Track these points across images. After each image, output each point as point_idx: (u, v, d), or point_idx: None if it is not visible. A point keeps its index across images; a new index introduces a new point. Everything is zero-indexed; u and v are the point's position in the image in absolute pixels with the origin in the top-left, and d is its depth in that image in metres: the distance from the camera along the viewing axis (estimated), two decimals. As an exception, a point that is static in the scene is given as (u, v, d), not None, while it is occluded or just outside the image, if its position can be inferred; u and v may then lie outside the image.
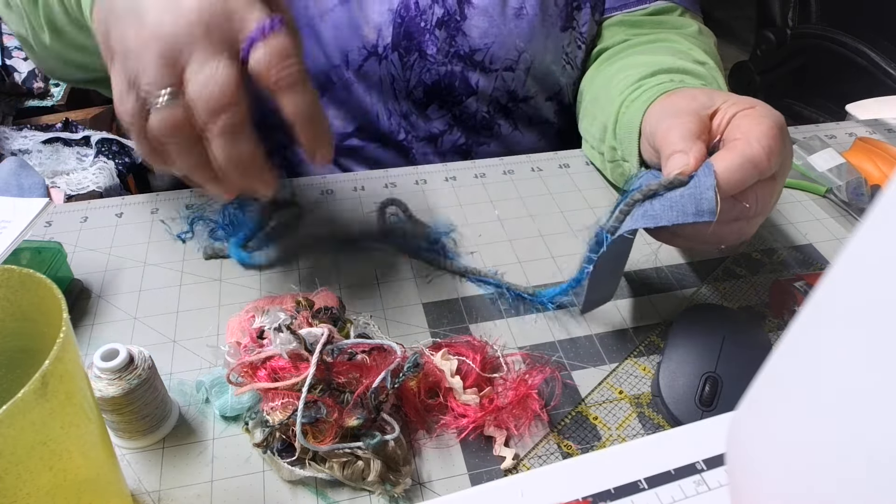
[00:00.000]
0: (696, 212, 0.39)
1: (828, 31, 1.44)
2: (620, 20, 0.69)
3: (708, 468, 0.35)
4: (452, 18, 0.64)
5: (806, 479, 0.25)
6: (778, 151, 0.41)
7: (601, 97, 0.61)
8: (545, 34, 0.67)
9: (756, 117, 0.42)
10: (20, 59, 1.38)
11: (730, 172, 0.40)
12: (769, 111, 0.44)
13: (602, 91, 0.62)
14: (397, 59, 0.65)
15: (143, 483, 0.39)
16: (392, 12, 0.63)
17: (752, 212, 0.42)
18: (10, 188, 0.81)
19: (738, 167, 0.40)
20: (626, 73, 0.58)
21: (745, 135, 0.41)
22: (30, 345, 0.32)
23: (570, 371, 0.46)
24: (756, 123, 0.42)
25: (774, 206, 0.45)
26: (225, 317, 0.49)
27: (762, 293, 0.52)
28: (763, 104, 0.45)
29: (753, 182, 0.41)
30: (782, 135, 0.42)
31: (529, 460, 0.41)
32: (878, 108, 0.80)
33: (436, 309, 0.50)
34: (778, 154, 0.41)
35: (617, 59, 0.65)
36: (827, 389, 0.24)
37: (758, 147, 0.40)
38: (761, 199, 0.42)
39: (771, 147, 0.40)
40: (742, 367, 0.42)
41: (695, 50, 0.62)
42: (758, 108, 0.44)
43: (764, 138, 0.41)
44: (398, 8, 0.63)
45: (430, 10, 0.64)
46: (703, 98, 0.46)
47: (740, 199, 0.41)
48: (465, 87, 0.68)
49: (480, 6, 0.64)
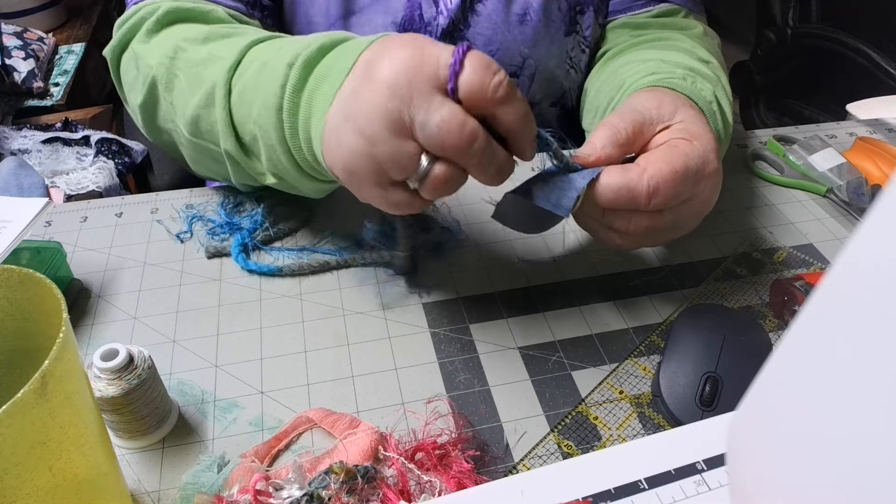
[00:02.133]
0: (555, 204, 0.41)
1: (828, 30, 1.44)
2: (624, 22, 0.68)
3: (708, 468, 0.35)
4: (457, 28, 0.64)
5: (806, 479, 0.25)
6: (665, 195, 0.41)
7: (604, 90, 0.61)
8: (549, 39, 0.67)
9: (673, 154, 0.42)
10: (20, 58, 1.38)
11: (606, 188, 0.41)
12: (696, 153, 0.42)
13: (605, 85, 0.61)
14: None
15: (142, 483, 0.39)
16: (396, 25, 0.63)
17: (623, 231, 0.44)
18: (9, 188, 0.81)
19: (614, 189, 0.41)
20: (636, 67, 0.57)
21: (646, 165, 0.41)
22: (29, 345, 0.32)
23: (570, 371, 0.46)
24: (665, 160, 0.42)
25: (667, 239, 0.46)
26: (225, 317, 0.49)
27: (762, 293, 0.52)
28: (704, 140, 0.43)
29: (627, 208, 0.42)
30: (684, 182, 0.42)
31: (529, 460, 0.40)
32: (878, 107, 0.80)
33: (436, 309, 0.50)
34: (664, 198, 0.41)
35: (622, 55, 0.65)
36: (828, 389, 0.24)
37: (644, 184, 0.41)
38: (634, 226, 0.43)
39: (658, 189, 0.41)
40: (742, 367, 0.42)
41: (699, 49, 0.62)
42: (693, 144, 0.43)
43: (657, 179, 0.41)
44: (402, 21, 0.63)
45: (434, 21, 0.63)
46: (668, 109, 0.45)
47: (610, 214, 0.43)
48: None
49: (484, 13, 0.64)
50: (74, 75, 1.48)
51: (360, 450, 0.39)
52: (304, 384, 0.45)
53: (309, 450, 0.41)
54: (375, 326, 0.49)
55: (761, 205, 0.62)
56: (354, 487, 0.36)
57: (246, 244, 0.55)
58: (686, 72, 0.53)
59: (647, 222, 0.43)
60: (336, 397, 0.44)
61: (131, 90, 0.57)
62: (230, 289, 0.52)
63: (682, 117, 0.45)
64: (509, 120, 0.37)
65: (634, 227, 0.43)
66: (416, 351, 0.47)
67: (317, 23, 0.63)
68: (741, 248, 0.56)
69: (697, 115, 0.46)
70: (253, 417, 0.43)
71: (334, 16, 0.62)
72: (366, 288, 0.52)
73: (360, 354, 0.47)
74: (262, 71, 0.44)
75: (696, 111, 0.46)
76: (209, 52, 0.49)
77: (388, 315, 0.50)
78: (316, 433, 0.42)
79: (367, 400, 0.44)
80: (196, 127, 0.50)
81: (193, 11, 0.54)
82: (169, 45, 0.51)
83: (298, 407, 0.43)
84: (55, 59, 1.52)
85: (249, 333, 0.48)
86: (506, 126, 0.37)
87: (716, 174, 0.44)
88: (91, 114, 1.35)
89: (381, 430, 0.41)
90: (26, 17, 1.56)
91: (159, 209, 0.60)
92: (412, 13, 0.63)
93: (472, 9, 0.64)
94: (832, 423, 0.23)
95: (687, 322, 0.46)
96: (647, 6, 0.67)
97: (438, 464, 0.39)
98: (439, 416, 0.42)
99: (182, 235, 0.57)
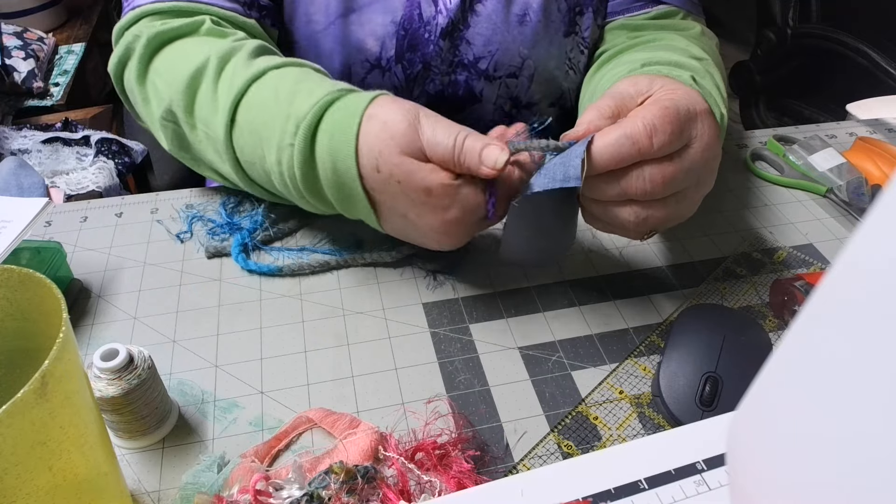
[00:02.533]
0: (564, 178, 0.40)
1: (828, 30, 1.44)
2: (622, 24, 0.69)
3: (708, 468, 0.35)
4: (456, 28, 0.64)
5: (806, 479, 0.25)
6: (665, 131, 0.40)
7: (598, 91, 0.61)
8: (548, 40, 0.67)
9: (661, 101, 0.42)
10: (20, 58, 1.38)
11: (604, 145, 0.40)
12: (682, 97, 0.43)
13: (599, 87, 0.62)
14: (401, 71, 0.65)
15: (142, 483, 0.39)
16: (395, 24, 0.63)
17: (642, 194, 0.42)
18: (9, 188, 0.81)
19: (613, 141, 0.40)
20: (620, 69, 0.58)
21: (636, 113, 0.41)
22: (29, 345, 0.32)
23: (570, 371, 0.46)
24: (654, 104, 0.42)
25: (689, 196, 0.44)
26: (225, 317, 0.49)
27: (762, 293, 0.52)
28: (688, 91, 0.44)
29: (633, 160, 0.41)
30: (678, 118, 0.41)
31: (529, 460, 0.40)
32: (878, 107, 0.80)
33: (436, 309, 0.50)
34: (664, 134, 0.40)
35: (618, 56, 0.65)
36: (828, 389, 0.24)
37: (640, 125, 0.40)
38: (651, 180, 0.41)
39: (654, 126, 0.40)
40: (742, 367, 0.42)
41: (693, 47, 0.62)
42: (677, 92, 0.43)
43: (650, 117, 0.40)
44: (401, 20, 0.63)
45: (433, 20, 0.63)
46: (644, 83, 0.45)
47: (620, 176, 0.42)
48: (470, 95, 0.68)
49: (484, 14, 0.64)
50: (74, 75, 1.48)
51: (360, 450, 0.39)
52: (304, 384, 0.45)
53: (309, 450, 0.41)
54: (375, 326, 0.49)
55: (761, 205, 0.62)
56: (354, 487, 0.36)
57: (246, 244, 0.55)
58: (670, 67, 0.54)
59: (660, 173, 0.42)
60: (336, 397, 0.44)
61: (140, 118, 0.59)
62: (230, 289, 0.52)
63: (660, 84, 0.45)
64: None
65: (652, 182, 0.41)
66: (416, 351, 0.47)
67: (316, 20, 0.63)
68: (741, 248, 0.56)
69: (676, 83, 0.46)
70: (253, 417, 0.43)
71: (334, 13, 0.62)
72: (366, 288, 0.52)
73: (360, 354, 0.47)
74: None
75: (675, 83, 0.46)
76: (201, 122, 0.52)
77: (388, 315, 0.50)
78: (316, 433, 0.42)
79: (367, 400, 0.44)
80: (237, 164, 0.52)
81: (179, 30, 0.55)
82: (160, 108, 0.53)
83: (298, 407, 0.43)
84: (55, 59, 1.52)
85: (249, 333, 0.48)
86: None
87: (708, 115, 0.44)
88: (91, 114, 1.35)
89: (381, 430, 0.41)
90: (26, 17, 1.56)
91: (159, 209, 0.60)
92: (411, 12, 0.63)
93: (472, 9, 0.64)
94: (832, 423, 0.23)
95: (687, 322, 0.46)
96: (645, 8, 0.67)
97: (438, 464, 0.39)
98: (439, 416, 0.42)
99: (182, 235, 0.57)
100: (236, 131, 0.49)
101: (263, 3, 0.61)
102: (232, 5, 0.58)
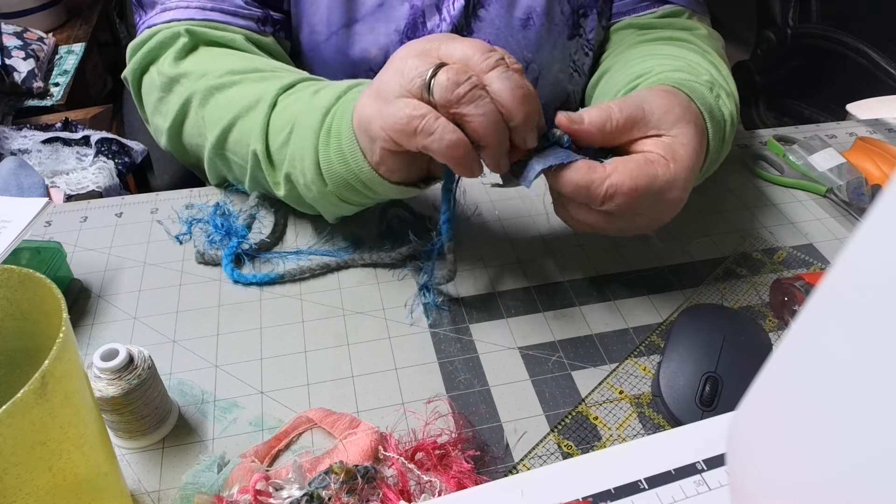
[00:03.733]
0: (524, 177, 0.43)
1: (828, 30, 1.44)
2: (629, 23, 0.68)
3: (708, 468, 0.35)
4: (460, 34, 0.64)
5: (807, 479, 0.25)
6: (619, 204, 0.42)
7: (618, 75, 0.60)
8: (552, 43, 0.67)
9: (642, 171, 0.42)
10: (20, 58, 1.38)
11: (568, 181, 0.42)
12: (666, 176, 0.43)
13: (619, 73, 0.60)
14: None
15: (142, 483, 0.39)
16: (399, 33, 0.63)
17: (574, 217, 0.45)
18: (9, 188, 0.81)
19: (575, 183, 0.42)
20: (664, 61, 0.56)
21: (611, 171, 0.42)
22: (29, 345, 0.32)
23: (570, 371, 0.46)
24: (632, 175, 0.42)
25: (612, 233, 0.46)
26: (225, 317, 0.49)
27: (762, 293, 0.52)
28: (682, 166, 0.43)
29: (582, 201, 0.43)
30: (640, 199, 0.42)
31: (529, 460, 0.40)
32: (878, 107, 0.80)
33: (436, 309, 0.50)
34: (617, 206, 0.42)
35: (638, 48, 0.64)
36: (828, 389, 0.24)
37: (603, 188, 0.41)
38: (584, 216, 0.44)
39: (613, 196, 0.41)
40: (742, 367, 0.42)
41: (710, 53, 0.62)
42: (669, 166, 0.43)
43: (617, 188, 0.41)
44: (405, 28, 0.63)
45: (437, 28, 0.63)
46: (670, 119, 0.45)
47: (566, 198, 0.44)
48: None
49: (487, 19, 0.64)
50: (74, 75, 1.48)
51: (360, 450, 0.39)
52: (304, 384, 0.45)
53: (309, 450, 0.41)
54: (375, 326, 0.49)
55: (761, 205, 0.62)
56: (354, 487, 0.36)
57: (239, 255, 0.54)
58: (711, 79, 0.53)
59: (594, 219, 0.44)
60: (336, 397, 0.44)
61: (155, 112, 0.59)
62: (230, 289, 0.52)
63: (677, 133, 0.44)
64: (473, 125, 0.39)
65: (584, 217, 0.44)
66: (416, 351, 0.47)
67: (318, 31, 0.62)
68: (741, 248, 0.56)
69: (694, 135, 0.45)
70: (253, 417, 0.43)
71: (336, 24, 0.62)
72: (366, 288, 0.52)
73: (360, 354, 0.47)
74: (310, 100, 0.49)
75: (696, 131, 0.45)
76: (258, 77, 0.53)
77: (388, 315, 0.50)
78: (316, 433, 0.42)
79: (367, 400, 0.44)
80: (224, 137, 0.53)
81: (220, 40, 0.57)
82: (217, 69, 0.54)
83: (298, 407, 0.43)
84: (55, 59, 1.52)
85: (249, 333, 0.48)
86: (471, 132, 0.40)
87: (678, 202, 0.44)
88: (91, 114, 1.35)
89: (381, 430, 0.41)
90: (26, 17, 1.56)
91: (159, 209, 0.60)
92: (415, 20, 0.63)
93: (475, 14, 0.64)
94: (832, 423, 0.23)
95: (687, 322, 0.46)
96: (651, 7, 0.67)
97: (438, 464, 0.39)
98: (439, 416, 0.42)
99: (181, 237, 0.56)
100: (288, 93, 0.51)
101: (276, 17, 0.61)
102: (247, 23, 0.59)
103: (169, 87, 0.56)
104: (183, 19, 0.57)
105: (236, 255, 0.54)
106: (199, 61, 0.56)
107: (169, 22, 0.57)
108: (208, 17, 0.57)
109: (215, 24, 0.58)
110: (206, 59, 0.56)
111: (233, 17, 0.58)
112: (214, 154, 0.55)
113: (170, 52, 0.56)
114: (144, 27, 0.59)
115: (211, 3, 0.58)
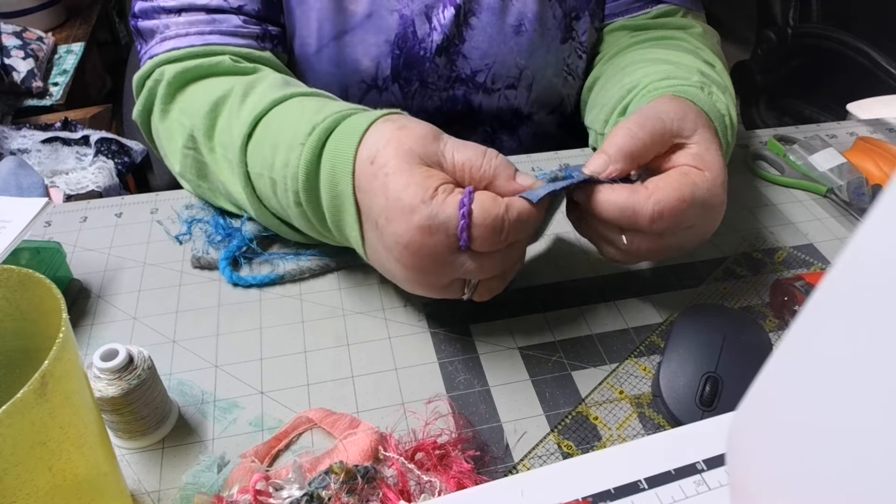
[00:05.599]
0: (534, 195, 0.41)
1: (829, 30, 1.44)
2: (623, 25, 0.68)
3: (708, 468, 0.35)
4: (452, 43, 0.63)
5: (806, 479, 0.25)
6: (669, 221, 0.41)
7: (610, 87, 0.60)
8: (545, 48, 0.66)
9: (683, 183, 0.42)
10: (19, 58, 1.38)
11: (611, 204, 0.42)
12: (706, 184, 0.43)
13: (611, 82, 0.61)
14: (398, 90, 0.64)
15: (142, 483, 0.39)
16: (389, 43, 0.62)
17: (623, 246, 0.44)
18: (9, 188, 0.81)
19: (619, 207, 0.41)
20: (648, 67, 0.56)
21: (654, 189, 0.42)
22: (29, 345, 0.32)
23: (570, 371, 0.46)
24: (674, 187, 0.42)
25: (665, 257, 0.47)
26: (225, 317, 0.49)
27: (762, 293, 0.52)
28: (716, 171, 0.44)
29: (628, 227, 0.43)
30: (688, 210, 0.42)
31: (529, 460, 0.40)
32: (879, 107, 0.80)
33: (436, 309, 0.50)
34: (668, 223, 0.41)
35: (626, 53, 0.64)
36: (828, 389, 0.24)
37: (650, 207, 0.41)
38: (635, 246, 0.43)
39: (662, 214, 0.41)
40: (742, 367, 0.42)
41: (703, 50, 0.62)
42: (704, 174, 0.43)
43: (664, 204, 0.41)
44: (395, 39, 0.62)
45: (428, 37, 0.63)
46: (689, 125, 0.45)
47: (610, 230, 0.44)
48: (468, 109, 0.68)
49: (479, 27, 0.63)
50: (74, 75, 1.48)
51: (360, 450, 0.39)
52: (304, 384, 0.45)
53: (309, 450, 0.41)
54: (375, 326, 0.49)
55: (761, 205, 0.62)
56: (354, 487, 0.36)
57: (236, 258, 0.54)
58: (701, 78, 0.53)
59: (647, 244, 0.43)
60: (336, 397, 0.44)
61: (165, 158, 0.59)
62: (230, 289, 0.52)
63: (699, 139, 0.45)
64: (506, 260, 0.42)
65: (636, 247, 0.44)
66: (416, 351, 0.47)
67: (308, 43, 0.62)
68: (741, 248, 0.56)
69: (713, 137, 0.46)
70: (253, 417, 0.43)
71: (327, 36, 0.62)
72: (366, 288, 0.52)
73: (360, 354, 0.47)
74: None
75: (712, 132, 0.46)
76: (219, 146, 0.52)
77: (388, 315, 0.50)
78: (316, 433, 0.42)
79: (367, 400, 0.44)
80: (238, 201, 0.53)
81: (200, 69, 0.55)
82: (182, 136, 0.54)
83: (298, 407, 0.43)
84: (54, 59, 1.52)
85: (249, 333, 0.48)
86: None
87: (721, 205, 0.44)
88: (90, 113, 1.35)
89: (381, 430, 0.41)
90: (26, 16, 1.56)
91: (159, 209, 0.60)
92: (405, 31, 0.62)
93: (467, 23, 0.63)
94: (832, 423, 0.23)
95: (687, 322, 0.46)
96: (644, 8, 0.67)
97: (438, 464, 0.39)
98: (439, 416, 0.42)
99: (181, 237, 0.56)
100: (251, 144, 0.48)
101: (274, 32, 0.61)
102: (246, 41, 0.58)
103: (164, 144, 0.57)
104: (183, 47, 0.56)
105: (234, 258, 0.53)
106: (178, 115, 0.55)
107: (170, 51, 0.56)
108: (208, 42, 0.56)
109: (214, 47, 0.56)
110: (183, 111, 0.55)
111: (232, 38, 0.57)
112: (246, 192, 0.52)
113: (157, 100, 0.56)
114: (147, 57, 0.58)
115: (209, 26, 0.57)
